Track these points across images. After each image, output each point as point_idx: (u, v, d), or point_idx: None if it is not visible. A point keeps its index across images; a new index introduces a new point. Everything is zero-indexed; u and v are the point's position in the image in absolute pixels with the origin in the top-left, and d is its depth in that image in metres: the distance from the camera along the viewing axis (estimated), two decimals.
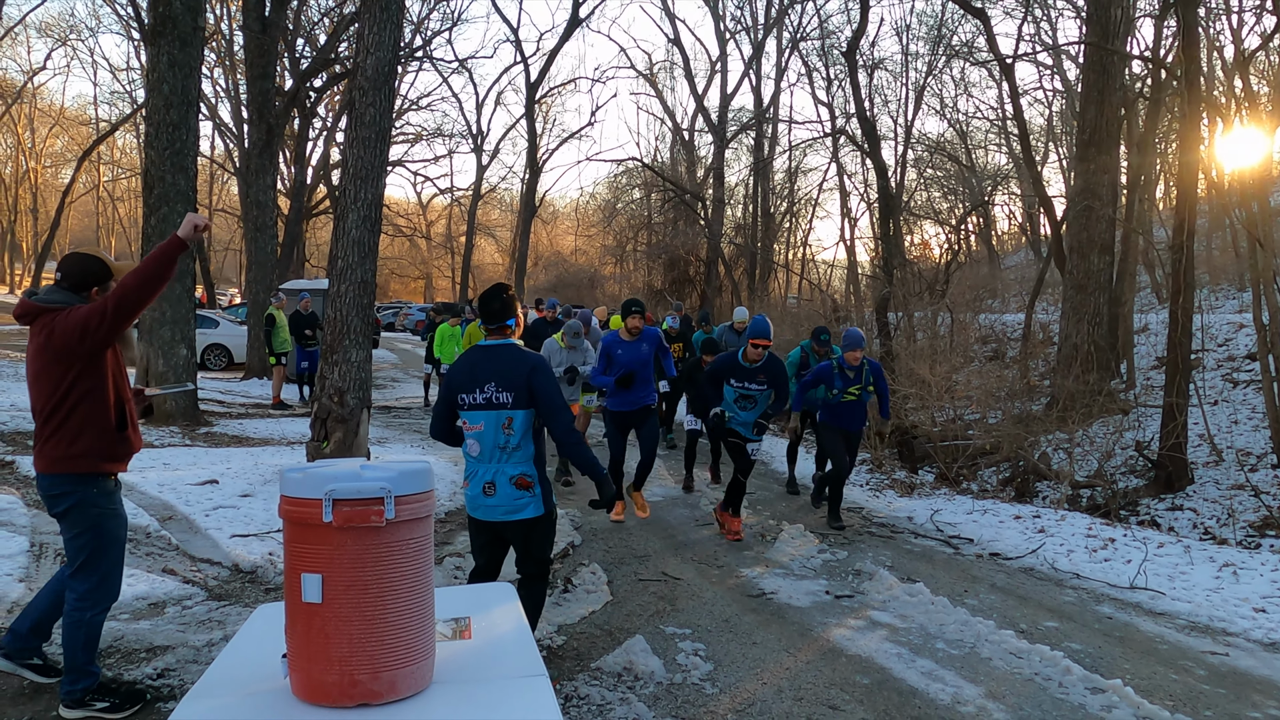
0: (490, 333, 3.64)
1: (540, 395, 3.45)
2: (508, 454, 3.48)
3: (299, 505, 1.80)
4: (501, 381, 3.46)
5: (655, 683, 3.92)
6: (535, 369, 3.48)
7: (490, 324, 3.62)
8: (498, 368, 3.48)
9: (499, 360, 3.50)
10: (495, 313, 3.61)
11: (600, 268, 37.63)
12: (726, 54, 32.39)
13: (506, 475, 3.48)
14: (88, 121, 43.98)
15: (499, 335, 3.61)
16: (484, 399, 3.47)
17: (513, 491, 3.47)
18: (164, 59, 10.09)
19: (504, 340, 3.59)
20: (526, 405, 3.46)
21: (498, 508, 3.50)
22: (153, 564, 5.13)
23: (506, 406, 3.45)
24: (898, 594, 5.30)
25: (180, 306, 10.48)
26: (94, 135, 37.56)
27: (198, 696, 1.77)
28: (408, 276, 54.25)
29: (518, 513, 3.49)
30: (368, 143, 7.20)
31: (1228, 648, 4.58)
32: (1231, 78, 14.07)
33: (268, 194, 16.64)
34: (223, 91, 29.58)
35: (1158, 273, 19.81)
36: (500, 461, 3.49)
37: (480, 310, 3.64)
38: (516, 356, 3.51)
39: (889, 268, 17.11)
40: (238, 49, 24.20)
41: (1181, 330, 8.83)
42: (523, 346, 3.62)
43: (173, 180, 10.23)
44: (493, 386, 3.47)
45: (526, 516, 3.50)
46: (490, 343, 3.59)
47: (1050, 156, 29.42)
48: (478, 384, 3.49)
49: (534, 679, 1.90)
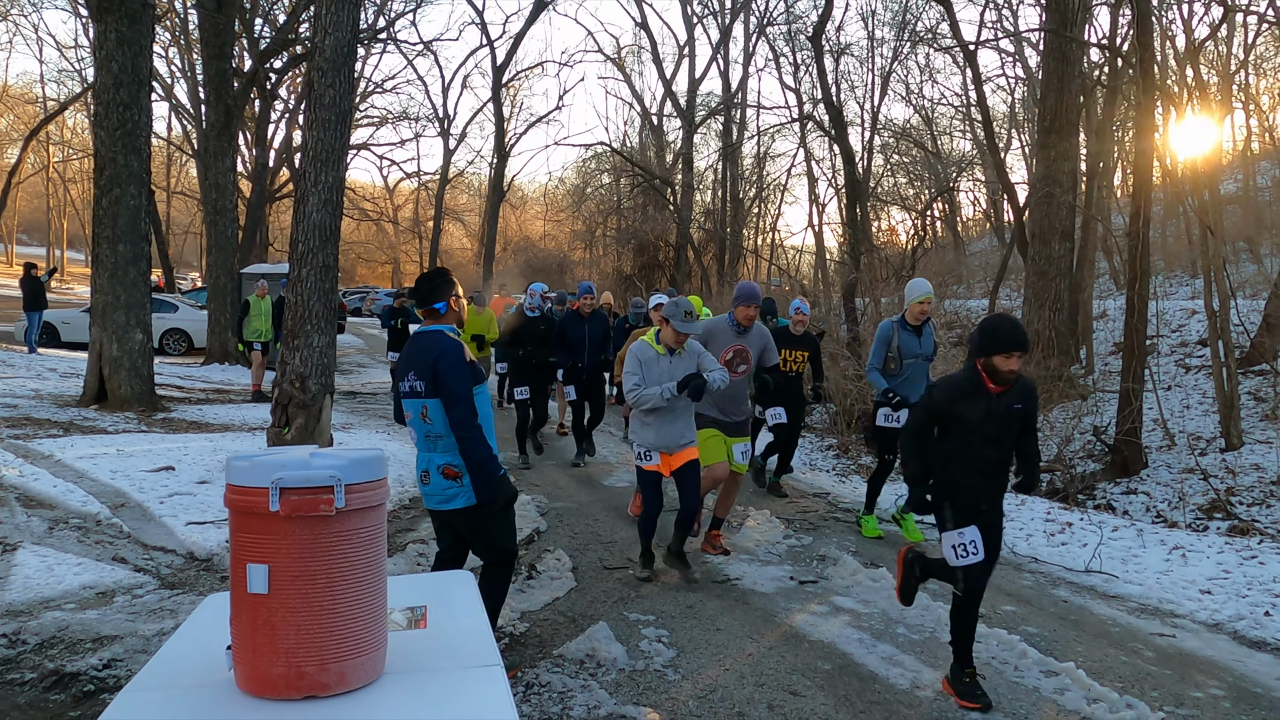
0: (425, 317, 3.58)
1: (441, 382, 3.38)
2: (432, 442, 3.46)
3: (245, 494, 1.75)
4: (417, 370, 3.43)
5: (617, 669, 3.92)
6: (441, 354, 3.40)
7: (419, 306, 3.56)
8: (416, 355, 3.45)
9: (417, 347, 3.47)
10: (424, 295, 3.53)
11: (570, 253, 37.50)
12: (694, 38, 32.34)
13: (436, 464, 3.47)
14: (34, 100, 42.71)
15: (430, 320, 3.55)
16: (408, 388, 3.47)
17: (442, 481, 3.45)
18: (112, 36, 9.83)
19: (431, 327, 3.54)
20: (437, 394, 3.40)
21: (432, 496, 3.51)
22: (102, 552, 5.02)
23: (421, 395, 3.43)
24: (861, 579, 5.35)
25: (135, 290, 10.25)
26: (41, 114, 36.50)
27: (137, 689, 1.72)
28: (374, 261, 53.63)
29: (448, 502, 3.48)
30: (328, 125, 7.08)
31: (1175, 629, 4.68)
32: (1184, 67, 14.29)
33: (227, 177, 16.34)
34: (179, 71, 28.94)
35: (1116, 259, 20.15)
36: (430, 450, 3.48)
37: (414, 293, 3.59)
38: (429, 343, 3.45)
39: (856, 253, 17.24)
40: (193, 28, 23.63)
41: (1138, 317, 8.99)
42: (450, 334, 3.51)
43: (125, 161, 9.98)
44: (412, 375, 3.45)
45: (457, 506, 3.47)
46: (421, 329, 3.56)
47: (1014, 143, 29.82)
48: (404, 373, 3.49)
49: (488, 669, 1.88)
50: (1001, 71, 36.15)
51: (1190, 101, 12.33)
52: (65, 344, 18.17)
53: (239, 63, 21.23)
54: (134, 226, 10.28)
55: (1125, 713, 3.54)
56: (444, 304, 3.52)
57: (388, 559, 5.34)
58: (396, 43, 31.58)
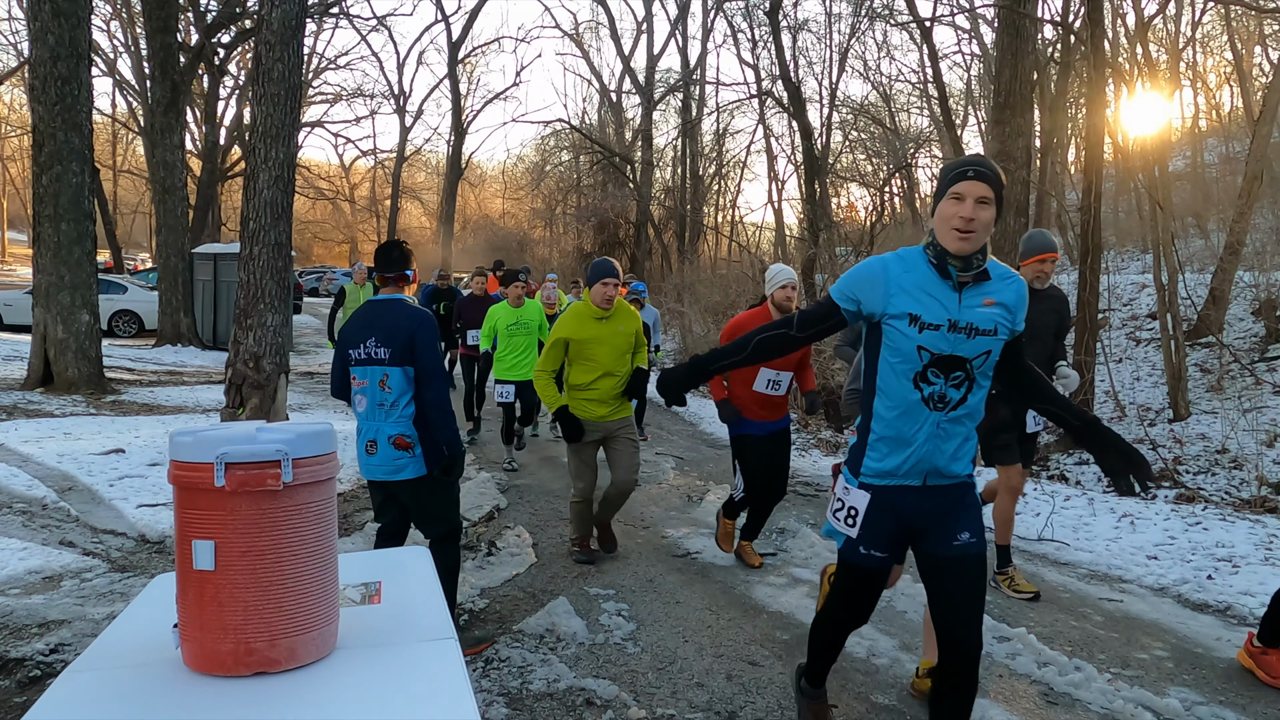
0: (385, 284, 3.57)
1: (420, 355, 3.39)
2: (386, 412, 3.43)
3: (189, 470, 1.71)
4: (381, 337, 3.40)
5: (577, 643, 3.93)
6: (420, 326, 3.40)
7: (388, 272, 3.54)
8: (382, 322, 3.42)
9: (385, 314, 3.44)
10: (390, 262, 3.53)
11: (530, 231, 37.21)
12: (652, 14, 32.17)
13: (386, 434, 3.43)
14: None
15: (393, 288, 3.55)
16: (365, 354, 3.43)
17: (392, 451, 3.42)
18: (47, 8, 9.49)
19: (395, 295, 3.53)
20: (403, 363, 3.39)
21: (380, 467, 3.47)
22: (49, 537, 4.91)
23: (383, 363, 3.40)
24: (820, 551, 5.41)
25: (80, 271, 9.98)
26: None
27: (80, 669, 1.69)
28: (331, 241, 52.76)
29: (398, 473, 3.46)
30: (277, 100, 6.92)
31: (1123, 594, 4.81)
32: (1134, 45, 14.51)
33: (175, 154, 15.92)
34: (122, 46, 28.09)
35: (1070, 235, 20.51)
36: (379, 420, 3.44)
37: (377, 261, 3.57)
38: (402, 312, 3.44)
39: (815, 229, 17.31)
40: (136, 1, 22.90)
41: (1090, 290, 9.16)
42: (413, 303, 3.53)
43: (65, 138, 9.69)
44: (373, 341, 3.41)
45: (407, 477, 3.46)
46: (382, 297, 3.53)
47: (970, 119, 30.04)
48: (362, 339, 3.44)
49: (442, 641, 1.87)
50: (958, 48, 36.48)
51: (1140, 78, 12.52)
52: (7, 326, 17.68)
53: (185, 37, 20.66)
54: (77, 205, 9.98)
55: (1074, 675, 3.63)
56: (410, 271, 3.54)
57: (346, 538, 5.29)
58: (349, 17, 30.88)
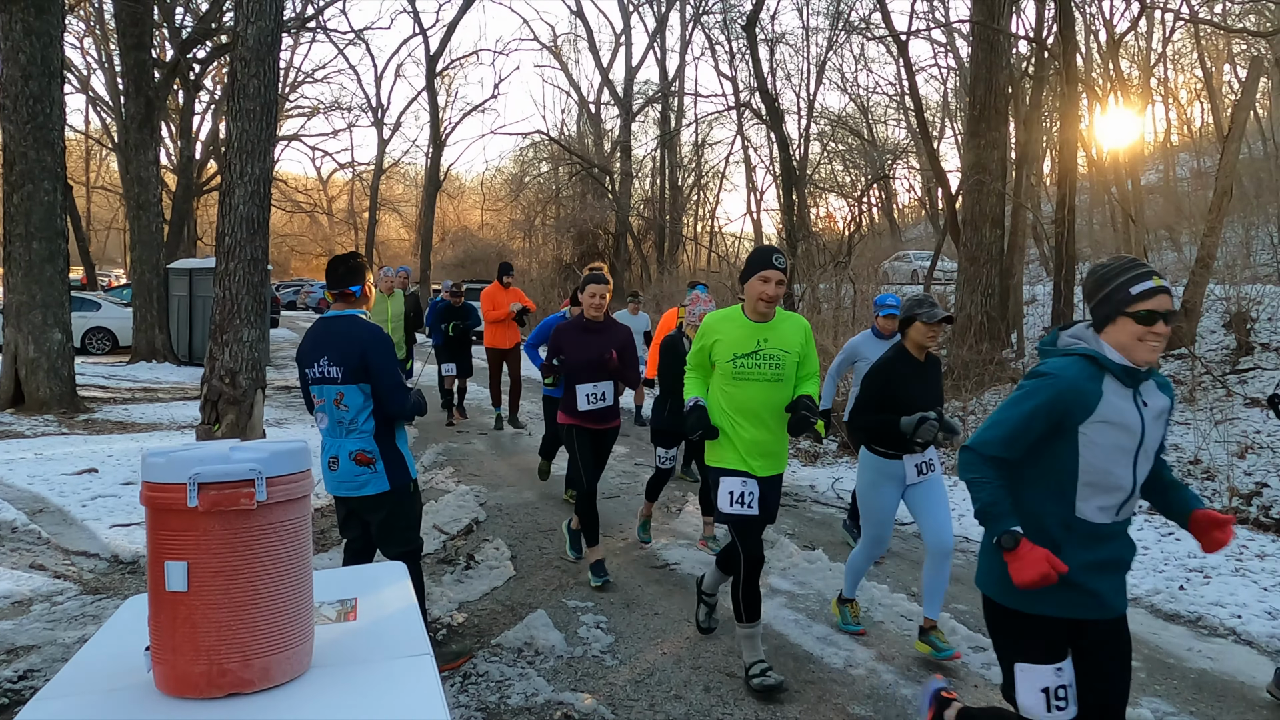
0: (335, 300, 3.52)
1: (375, 372, 3.35)
2: (345, 429, 3.42)
3: (161, 491, 1.70)
4: (333, 355, 3.37)
5: (556, 656, 3.92)
6: (372, 344, 3.36)
7: (336, 288, 3.49)
8: (333, 340, 3.39)
9: (335, 332, 3.41)
10: (339, 277, 3.47)
11: (509, 242, 37.17)
12: (630, 26, 32.28)
13: (347, 451, 3.42)
14: None
15: (344, 304, 3.50)
16: (319, 374, 3.41)
17: (353, 467, 3.42)
18: (18, 26, 9.43)
19: (345, 311, 3.48)
20: (357, 380, 3.37)
21: (342, 483, 3.46)
22: (18, 560, 4.85)
23: (336, 381, 3.38)
24: (798, 561, 5.44)
25: (52, 289, 9.89)
26: None
27: (49, 696, 1.67)
28: (309, 254, 52.41)
29: (360, 489, 3.45)
30: (252, 115, 6.91)
31: None
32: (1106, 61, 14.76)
33: (150, 170, 15.79)
34: (95, 63, 27.87)
35: (1045, 246, 20.76)
36: (341, 436, 3.43)
37: (327, 276, 3.52)
38: (351, 329, 3.40)
39: (793, 240, 17.42)
40: (109, 17, 22.76)
41: (1064, 302, 9.29)
42: (365, 318, 3.47)
43: (37, 156, 9.62)
44: (325, 360, 3.38)
45: (369, 493, 3.45)
46: (332, 314, 3.49)
47: (946, 132, 30.43)
48: (314, 358, 3.42)
49: (418, 658, 1.87)
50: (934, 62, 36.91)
51: (1113, 93, 12.76)
52: None
53: (160, 53, 20.48)
54: (49, 223, 9.90)
55: None
56: (359, 287, 3.49)
57: (324, 554, 5.26)
58: (326, 31, 30.80)
